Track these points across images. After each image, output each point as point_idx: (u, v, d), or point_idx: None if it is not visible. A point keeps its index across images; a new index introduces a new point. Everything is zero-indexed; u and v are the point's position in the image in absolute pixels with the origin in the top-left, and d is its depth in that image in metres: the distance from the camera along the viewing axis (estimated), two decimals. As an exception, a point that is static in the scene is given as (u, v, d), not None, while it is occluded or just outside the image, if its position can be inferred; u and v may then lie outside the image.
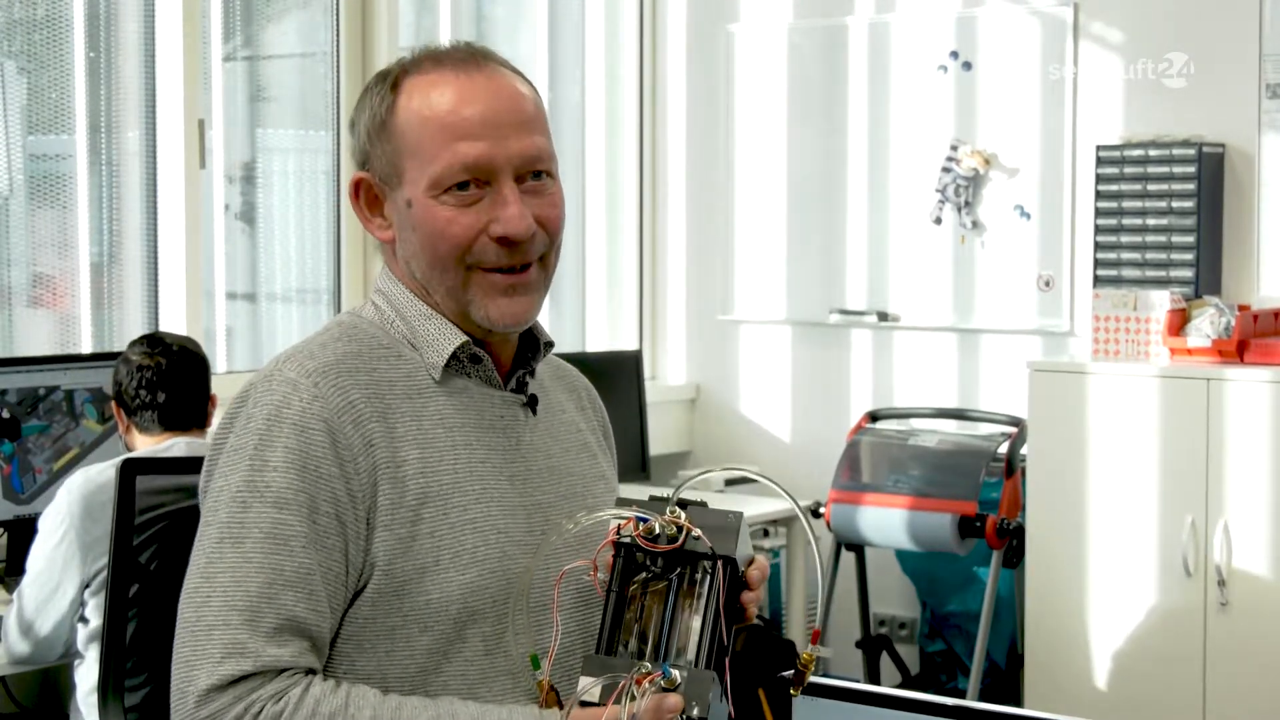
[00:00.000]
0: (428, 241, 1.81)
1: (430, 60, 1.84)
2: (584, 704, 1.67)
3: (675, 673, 1.67)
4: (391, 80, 1.84)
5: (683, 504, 1.75)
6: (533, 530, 1.83)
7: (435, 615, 1.75)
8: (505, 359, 1.90)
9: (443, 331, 1.84)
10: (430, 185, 1.79)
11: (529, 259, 1.83)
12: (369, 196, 1.87)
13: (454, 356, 1.84)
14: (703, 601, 1.73)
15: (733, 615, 1.76)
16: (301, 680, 1.68)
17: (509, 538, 1.80)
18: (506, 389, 1.89)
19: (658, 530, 1.73)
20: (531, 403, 1.91)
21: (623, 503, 1.78)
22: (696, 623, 1.73)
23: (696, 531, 1.73)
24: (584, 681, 1.69)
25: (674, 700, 1.65)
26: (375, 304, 1.89)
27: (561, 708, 1.70)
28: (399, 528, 1.75)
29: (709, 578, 1.73)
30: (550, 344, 1.95)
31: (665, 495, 1.78)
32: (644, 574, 1.75)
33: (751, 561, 1.81)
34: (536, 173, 1.83)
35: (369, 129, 1.84)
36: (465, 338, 1.84)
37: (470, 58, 1.84)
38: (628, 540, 1.74)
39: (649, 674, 1.66)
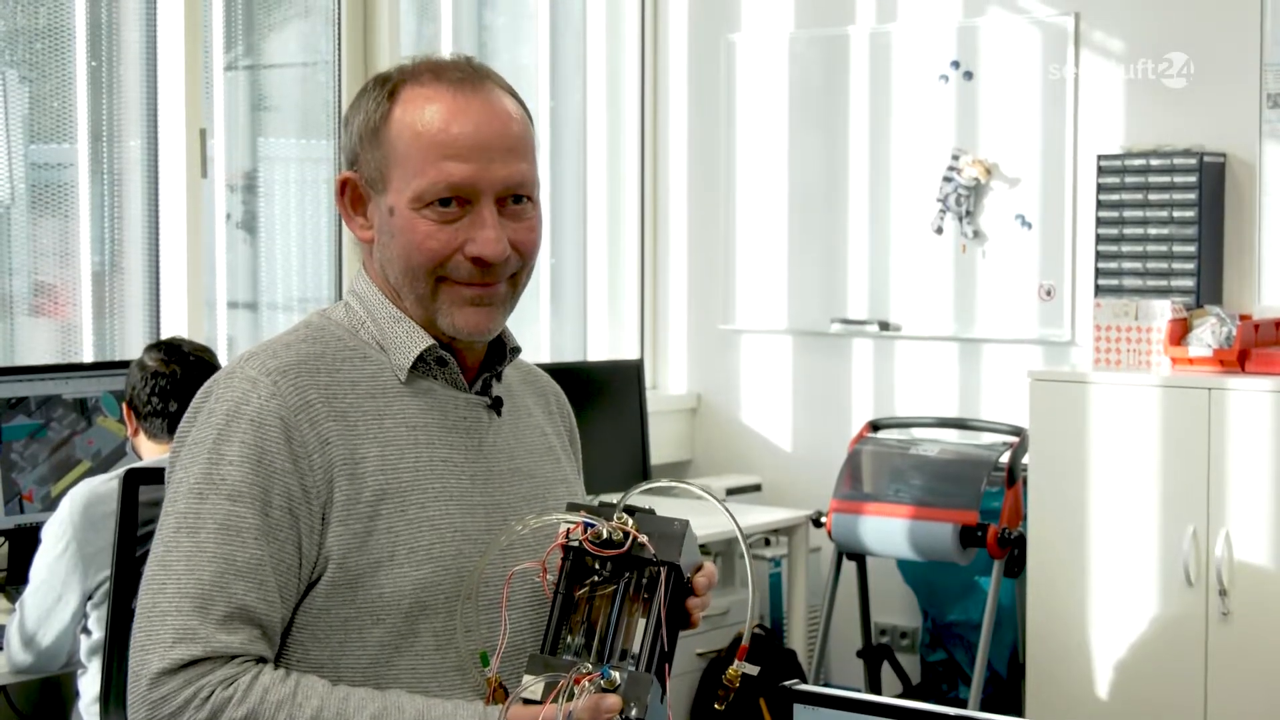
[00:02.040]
0: (404, 250, 1.87)
1: (430, 73, 1.89)
2: (526, 701, 1.71)
3: (615, 674, 1.70)
4: (390, 88, 1.89)
5: (630, 511, 1.80)
6: (491, 529, 1.88)
7: (387, 608, 1.80)
8: (472, 362, 1.96)
9: (410, 335, 1.90)
10: (413, 198, 1.85)
11: (499, 279, 1.89)
12: (354, 196, 1.94)
13: (420, 359, 1.89)
14: (648, 606, 1.77)
15: (676, 621, 1.80)
16: (252, 668, 1.74)
17: (465, 535, 1.85)
18: (472, 391, 1.94)
19: (605, 535, 1.77)
20: (496, 405, 1.95)
21: (572, 507, 1.83)
22: (641, 626, 1.77)
23: (642, 538, 1.77)
24: (526, 679, 1.72)
25: (612, 700, 1.69)
26: (348, 304, 1.95)
27: None
28: (354, 523, 1.80)
29: (655, 583, 1.77)
30: (517, 349, 2.00)
31: (614, 502, 1.82)
32: (593, 577, 1.79)
33: (699, 568, 1.85)
34: (517, 197, 1.88)
35: (362, 132, 1.90)
36: (431, 341, 1.90)
37: (469, 76, 1.89)
38: (575, 544, 1.78)
39: (589, 674, 1.70)
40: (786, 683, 1.77)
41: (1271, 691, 4.14)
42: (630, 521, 1.78)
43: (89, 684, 3.10)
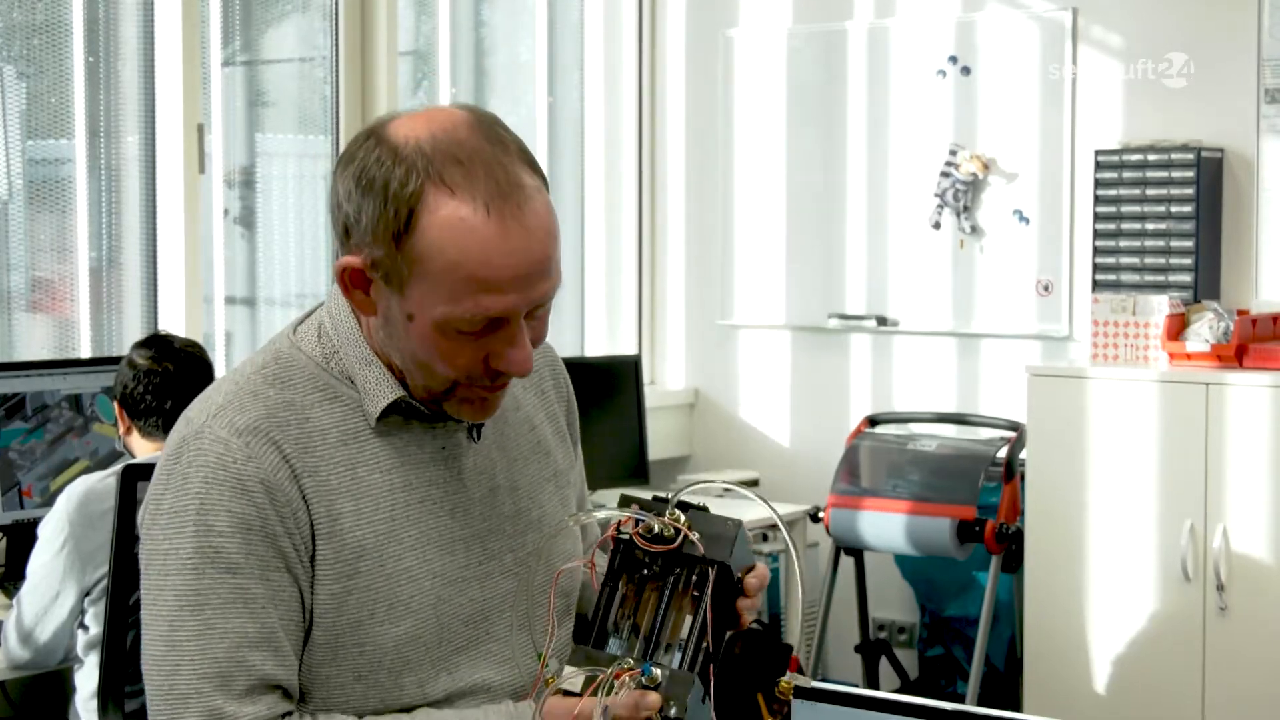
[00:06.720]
0: (424, 357, 1.76)
1: (459, 172, 1.69)
2: (566, 693, 1.69)
3: (656, 671, 1.69)
4: (413, 190, 1.68)
5: (684, 507, 1.77)
6: (470, 564, 1.84)
7: (368, 665, 1.78)
8: None
9: (380, 382, 1.80)
10: (441, 320, 1.72)
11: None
12: (354, 274, 1.76)
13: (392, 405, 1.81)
14: (696, 603, 1.75)
15: (723, 621, 1.78)
16: None
17: (444, 579, 1.81)
18: (449, 421, 1.85)
19: (656, 530, 1.74)
20: (472, 428, 1.87)
21: (626, 501, 1.79)
22: (687, 623, 1.75)
23: (693, 535, 1.74)
24: (567, 670, 1.71)
25: (653, 698, 1.68)
26: (322, 327, 1.84)
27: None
28: (333, 583, 1.76)
29: (704, 581, 1.75)
30: None
31: (667, 496, 1.79)
32: (643, 571, 1.77)
33: (752, 568, 1.82)
34: None
35: (377, 229, 1.70)
36: (402, 393, 1.80)
37: (502, 187, 1.69)
38: (625, 538, 1.76)
39: (630, 669, 1.69)
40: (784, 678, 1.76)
41: (1269, 685, 4.14)
42: (682, 518, 1.75)
43: (85, 679, 3.10)
